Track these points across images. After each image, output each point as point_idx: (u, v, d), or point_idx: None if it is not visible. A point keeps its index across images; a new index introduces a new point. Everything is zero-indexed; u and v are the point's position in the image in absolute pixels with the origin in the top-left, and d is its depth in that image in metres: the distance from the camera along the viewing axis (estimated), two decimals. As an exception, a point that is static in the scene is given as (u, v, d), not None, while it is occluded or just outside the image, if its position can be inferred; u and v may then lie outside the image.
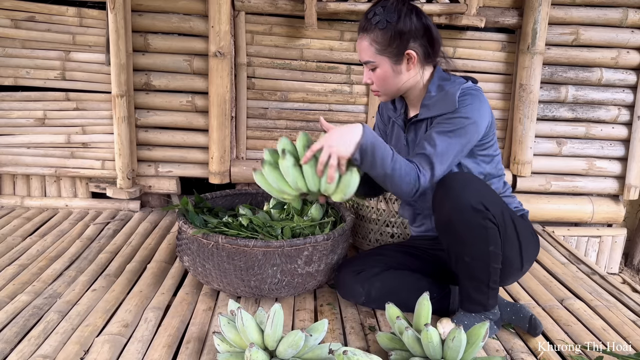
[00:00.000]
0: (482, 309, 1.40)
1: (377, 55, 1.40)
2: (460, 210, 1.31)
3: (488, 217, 1.31)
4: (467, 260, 1.36)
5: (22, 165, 2.57)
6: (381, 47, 1.39)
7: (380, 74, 1.43)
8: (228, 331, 1.23)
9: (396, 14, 1.35)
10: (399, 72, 1.43)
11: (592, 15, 2.49)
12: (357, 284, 1.56)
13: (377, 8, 1.38)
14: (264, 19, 2.51)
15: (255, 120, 2.62)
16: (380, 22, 1.36)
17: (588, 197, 2.68)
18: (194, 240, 1.55)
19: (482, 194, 1.33)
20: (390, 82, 1.44)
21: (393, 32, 1.36)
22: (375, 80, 1.45)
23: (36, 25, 2.43)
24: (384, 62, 1.41)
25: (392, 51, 1.39)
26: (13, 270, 1.80)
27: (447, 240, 1.41)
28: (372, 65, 1.43)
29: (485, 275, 1.36)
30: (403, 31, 1.36)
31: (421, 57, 1.42)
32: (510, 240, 1.40)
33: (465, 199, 1.31)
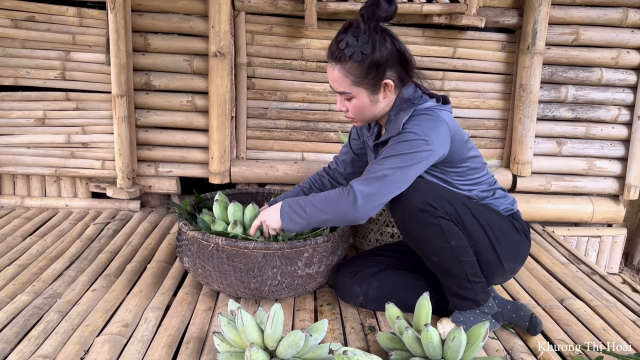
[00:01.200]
0: (474, 304, 1.41)
1: (353, 87, 1.36)
2: (408, 213, 1.35)
3: (437, 214, 1.33)
4: (436, 259, 1.39)
5: (22, 165, 2.57)
6: (357, 79, 1.34)
7: (357, 104, 1.39)
8: (228, 331, 1.23)
9: (370, 44, 1.29)
10: (376, 101, 1.39)
11: (592, 15, 2.49)
12: (355, 285, 1.56)
13: (348, 37, 1.31)
14: (264, 19, 2.51)
15: (255, 120, 2.62)
16: (355, 54, 1.30)
17: (588, 197, 2.68)
18: (194, 242, 1.55)
19: (426, 194, 1.35)
20: (367, 111, 1.41)
21: (369, 64, 1.31)
22: (351, 109, 1.42)
23: (36, 25, 2.43)
24: (361, 92, 1.37)
25: (369, 82, 1.34)
26: (13, 270, 1.80)
27: (411, 243, 1.44)
28: (347, 95, 1.38)
29: (460, 270, 1.37)
30: (380, 62, 1.32)
31: (397, 83, 1.39)
32: (477, 235, 1.39)
33: (410, 201, 1.34)
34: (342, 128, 2.64)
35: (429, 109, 1.37)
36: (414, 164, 1.31)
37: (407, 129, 1.32)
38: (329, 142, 2.65)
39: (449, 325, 1.25)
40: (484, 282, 1.42)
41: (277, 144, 2.65)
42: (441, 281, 1.45)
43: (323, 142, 2.65)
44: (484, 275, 1.42)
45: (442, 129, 1.33)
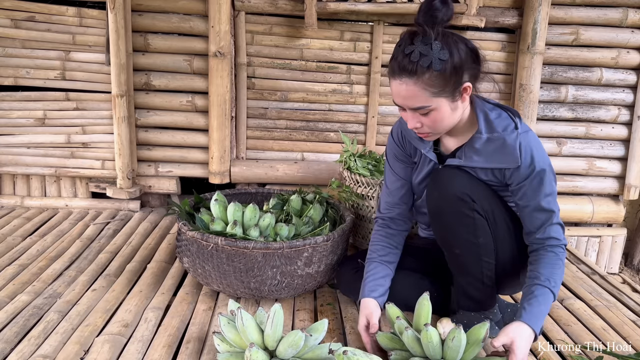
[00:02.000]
0: (480, 307, 1.40)
1: (433, 99, 1.22)
2: (447, 199, 1.33)
3: (474, 208, 1.31)
4: (458, 252, 1.37)
5: (22, 165, 2.57)
6: (438, 90, 1.21)
7: (436, 116, 1.25)
8: (228, 331, 1.23)
9: (447, 50, 1.18)
10: (455, 109, 1.27)
11: (592, 15, 2.49)
12: (358, 281, 1.56)
13: (419, 47, 1.18)
14: (264, 19, 2.51)
15: (255, 120, 2.62)
16: (434, 62, 1.17)
17: (588, 197, 2.68)
18: (193, 242, 1.55)
19: (468, 186, 1.33)
20: (447, 121, 1.28)
21: (450, 71, 1.19)
22: (430, 123, 1.27)
23: (36, 25, 2.43)
24: (442, 103, 1.23)
25: (450, 90, 1.22)
26: (13, 270, 1.80)
27: (438, 232, 1.42)
28: (425, 110, 1.24)
29: (477, 269, 1.36)
30: (459, 66, 1.20)
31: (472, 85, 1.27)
32: (503, 241, 1.38)
33: (451, 188, 1.32)
34: (342, 128, 2.64)
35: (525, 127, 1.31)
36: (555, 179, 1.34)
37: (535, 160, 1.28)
38: (329, 142, 2.65)
39: (449, 325, 1.25)
40: (495, 288, 1.41)
41: (277, 144, 2.65)
42: (455, 277, 1.44)
43: (323, 142, 2.65)
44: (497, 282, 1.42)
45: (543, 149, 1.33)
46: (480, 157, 1.32)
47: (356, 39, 2.55)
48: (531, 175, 1.29)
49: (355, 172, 2.01)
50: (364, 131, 2.65)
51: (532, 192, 1.30)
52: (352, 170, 2.03)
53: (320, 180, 2.54)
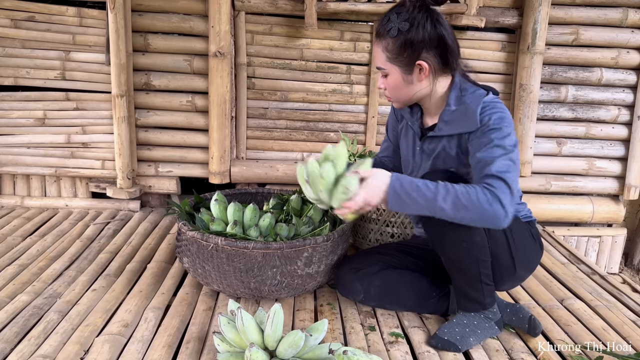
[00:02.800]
0: (480, 307, 1.40)
1: (388, 63, 1.38)
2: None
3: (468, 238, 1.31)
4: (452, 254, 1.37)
5: (22, 165, 2.57)
6: (392, 56, 1.36)
7: (391, 81, 1.41)
8: (228, 331, 1.23)
9: (409, 23, 1.31)
10: (410, 82, 1.40)
11: (592, 15, 2.49)
12: (356, 282, 1.56)
13: (392, 14, 1.34)
14: (264, 19, 2.51)
15: (255, 120, 2.62)
16: (392, 29, 1.33)
17: (588, 197, 2.68)
18: (193, 242, 1.55)
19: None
20: (402, 90, 1.42)
21: (404, 41, 1.33)
22: (387, 88, 1.44)
23: (36, 25, 2.43)
24: (395, 70, 1.38)
25: (403, 60, 1.36)
26: (13, 270, 1.80)
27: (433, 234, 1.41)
28: (383, 72, 1.41)
29: (475, 268, 1.35)
30: (414, 41, 1.32)
31: (434, 67, 1.37)
32: (496, 236, 1.38)
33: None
34: (342, 128, 2.64)
35: (496, 99, 1.37)
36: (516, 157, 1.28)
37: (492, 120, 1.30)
38: (329, 142, 2.65)
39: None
40: (493, 286, 1.41)
41: (277, 144, 2.65)
42: (452, 279, 1.44)
43: (323, 142, 2.65)
44: (494, 280, 1.42)
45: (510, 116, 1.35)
46: (447, 126, 1.41)
47: (356, 39, 2.55)
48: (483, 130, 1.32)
49: (355, 172, 2.01)
50: (364, 131, 2.65)
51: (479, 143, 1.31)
52: (352, 170, 2.03)
53: (320, 180, 2.53)
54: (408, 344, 1.42)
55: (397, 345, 1.40)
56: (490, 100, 1.36)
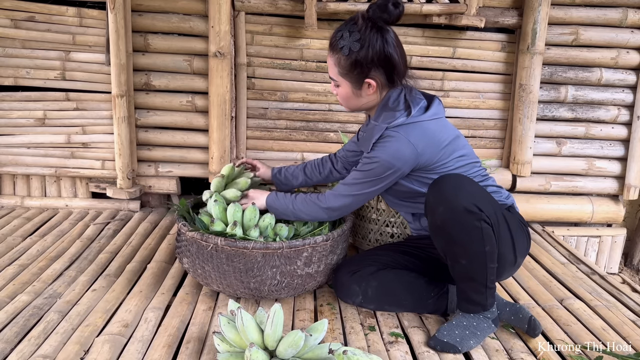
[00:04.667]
0: (481, 309, 1.40)
1: (339, 77, 1.47)
2: (454, 213, 1.32)
3: (482, 218, 1.31)
4: (464, 262, 1.36)
5: (22, 165, 2.57)
6: (343, 71, 1.45)
7: (342, 92, 1.51)
8: (228, 331, 1.23)
9: (359, 43, 1.38)
10: (358, 95, 1.50)
11: (592, 15, 2.49)
12: (353, 284, 1.56)
13: (344, 30, 1.41)
14: (264, 19, 2.51)
15: (255, 120, 2.62)
16: (344, 48, 1.40)
17: (588, 197, 2.68)
18: (193, 242, 1.55)
19: (475, 195, 1.33)
20: (351, 101, 1.53)
21: (354, 61, 1.41)
22: (339, 96, 1.55)
23: (36, 25, 2.43)
24: (345, 84, 1.48)
25: (353, 77, 1.45)
26: (13, 270, 1.80)
27: (442, 243, 1.41)
28: (335, 83, 1.51)
29: (483, 276, 1.36)
30: (363, 62, 1.41)
31: (382, 83, 1.47)
32: (504, 237, 1.39)
33: (459, 201, 1.31)
34: (342, 128, 2.64)
35: (399, 128, 1.43)
36: (378, 185, 1.48)
37: (373, 155, 1.45)
38: (329, 142, 2.65)
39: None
40: (495, 287, 1.42)
41: (277, 144, 2.65)
42: (457, 284, 1.43)
43: (323, 142, 2.65)
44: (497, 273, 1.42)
45: (406, 152, 1.42)
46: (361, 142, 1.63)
47: (356, 39, 2.54)
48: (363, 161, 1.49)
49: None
50: (364, 131, 2.65)
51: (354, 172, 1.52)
52: (352, 170, 2.03)
53: (320, 180, 2.54)
54: (408, 344, 1.42)
55: (397, 345, 1.40)
56: (393, 128, 1.43)
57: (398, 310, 1.59)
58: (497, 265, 1.37)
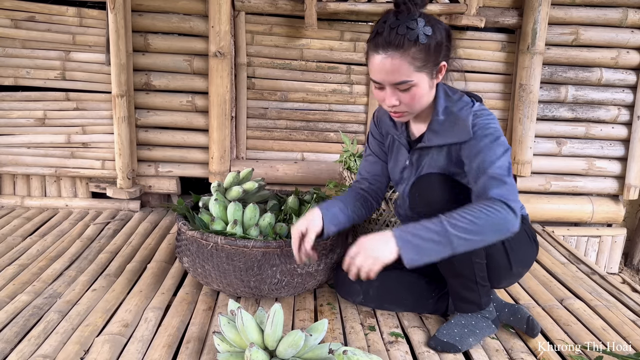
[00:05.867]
0: (477, 307, 1.40)
1: (416, 73, 1.25)
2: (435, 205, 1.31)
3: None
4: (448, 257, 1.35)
5: (22, 165, 2.57)
6: (421, 64, 1.25)
7: (416, 92, 1.28)
8: (228, 331, 1.23)
9: (430, 27, 1.24)
10: (432, 87, 1.33)
11: (592, 15, 2.49)
12: (355, 283, 1.56)
13: (406, 22, 1.23)
14: (264, 19, 2.51)
15: (255, 120, 2.62)
16: (420, 36, 1.23)
17: (588, 197, 2.68)
18: (193, 242, 1.55)
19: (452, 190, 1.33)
20: (424, 99, 1.32)
21: (435, 45, 1.25)
22: (408, 101, 1.30)
23: (36, 25, 2.43)
24: (422, 79, 1.27)
25: (430, 66, 1.27)
26: (13, 270, 1.80)
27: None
28: (407, 85, 1.27)
29: (470, 271, 1.35)
30: (440, 43, 1.27)
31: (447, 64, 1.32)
32: None
33: (439, 193, 1.32)
34: (342, 128, 2.64)
35: (482, 106, 1.35)
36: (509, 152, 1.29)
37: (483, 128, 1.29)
38: (329, 142, 2.65)
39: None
40: (489, 286, 1.41)
41: (277, 144, 2.65)
42: (448, 281, 1.43)
43: (323, 142, 2.65)
44: (491, 278, 1.41)
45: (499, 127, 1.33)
46: (437, 137, 1.36)
47: (356, 39, 2.55)
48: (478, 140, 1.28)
49: (355, 172, 2.01)
50: (364, 131, 2.65)
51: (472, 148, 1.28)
52: (352, 170, 2.03)
53: (321, 180, 2.54)
54: (408, 343, 1.42)
55: (397, 345, 1.40)
56: (478, 109, 1.34)
57: (398, 310, 1.59)
58: (485, 262, 1.36)
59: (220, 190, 1.78)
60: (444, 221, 1.17)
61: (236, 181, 1.81)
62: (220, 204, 1.68)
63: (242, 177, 1.83)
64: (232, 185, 1.79)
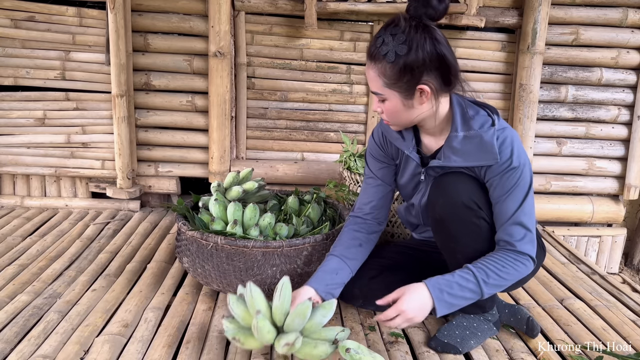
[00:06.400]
0: (481, 310, 1.40)
1: (386, 89, 1.25)
2: (453, 207, 1.30)
3: (481, 215, 1.30)
4: (459, 257, 1.34)
5: (22, 165, 2.57)
6: (390, 81, 1.23)
7: (389, 107, 1.28)
8: (237, 307, 1.23)
9: (407, 45, 1.18)
10: (410, 107, 1.27)
11: (592, 15, 2.49)
12: (354, 288, 1.55)
13: (386, 35, 1.20)
14: (264, 19, 2.51)
15: (255, 120, 2.62)
16: (389, 54, 1.19)
17: (588, 197, 2.68)
18: (193, 242, 1.55)
19: (474, 192, 1.31)
20: (402, 115, 1.30)
21: (403, 66, 1.19)
22: (385, 112, 1.31)
23: (36, 25, 2.43)
24: (394, 96, 1.25)
25: (402, 86, 1.23)
26: (13, 270, 1.80)
27: (441, 239, 1.39)
28: (380, 97, 1.28)
29: None
30: (414, 66, 1.19)
31: (436, 89, 1.24)
32: None
33: (458, 195, 1.30)
34: (342, 128, 2.64)
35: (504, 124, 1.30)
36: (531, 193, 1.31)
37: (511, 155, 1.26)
38: (329, 142, 2.65)
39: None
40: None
41: (277, 144, 2.65)
42: None
43: (323, 142, 2.65)
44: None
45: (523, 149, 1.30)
46: (459, 157, 1.30)
47: (356, 39, 2.55)
48: (505, 170, 1.26)
49: (355, 172, 2.01)
50: (364, 131, 2.65)
51: (502, 186, 1.27)
52: (352, 170, 2.03)
53: (321, 180, 2.54)
54: (408, 344, 1.42)
55: (397, 345, 1.40)
56: (501, 128, 1.28)
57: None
58: None
59: (220, 190, 1.77)
60: (480, 280, 1.25)
61: (236, 181, 1.81)
62: (220, 204, 1.68)
63: (242, 177, 1.83)
64: (232, 185, 1.79)
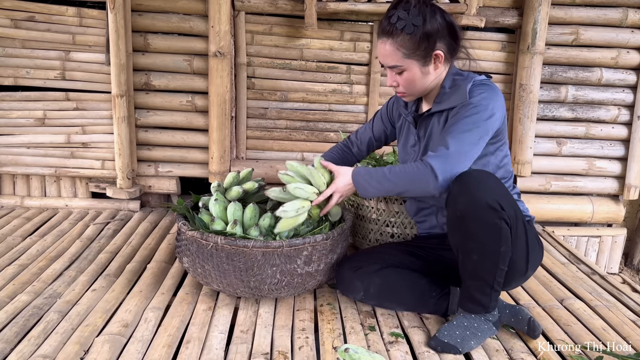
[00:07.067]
0: (483, 310, 1.40)
1: (405, 60, 1.41)
2: (476, 206, 1.30)
3: (503, 216, 1.29)
4: (475, 258, 1.34)
5: (22, 165, 2.57)
6: (409, 52, 1.40)
7: (408, 77, 1.45)
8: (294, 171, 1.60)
9: (421, 17, 1.36)
10: (427, 73, 1.45)
11: (592, 15, 2.49)
12: (356, 280, 1.56)
13: (399, 12, 1.38)
14: (264, 19, 2.51)
15: (255, 120, 2.62)
16: (407, 26, 1.36)
17: (588, 197, 2.68)
18: (193, 242, 1.55)
19: (499, 192, 1.32)
20: (418, 83, 1.46)
21: (421, 36, 1.37)
22: (403, 83, 1.47)
23: (36, 25, 2.43)
24: (412, 65, 1.42)
25: (420, 54, 1.40)
26: (13, 270, 1.80)
27: (458, 236, 1.38)
28: (399, 69, 1.44)
29: (491, 276, 1.35)
30: (431, 33, 1.38)
31: (447, 55, 1.44)
32: (519, 244, 1.38)
33: (482, 195, 1.30)
34: (342, 128, 2.64)
35: (487, 80, 1.46)
36: (484, 135, 1.39)
37: (474, 98, 1.39)
38: (329, 142, 2.65)
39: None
40: (500, 291, 1.41)
41: (277, 144, 2.65)
42: (464, 281, 1.42)
43: (323, 142, 2.65)
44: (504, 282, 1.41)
45: (500, 98, 1.43)
46: (439, 105, 1.48)
47: (356, 39, 2.55)
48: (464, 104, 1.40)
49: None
50: (364, 131, 2.65)
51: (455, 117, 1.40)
52: (352, 170, 2.03)
53: (320, 180, 2.54)
54: (408, 344, 1.42)
55: (397, 345, 1.40)
56: (480, 80, 1.44)
57: (398, 309, 1.59)
58: (507, 269, 1.36)
59: (220, 190, 1.77)
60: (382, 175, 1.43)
61: (236, 181, 1.81)
62: (220, 204, 1.68)
63: (242, 177, 1.83)
64: (232, 185, 1.79)
